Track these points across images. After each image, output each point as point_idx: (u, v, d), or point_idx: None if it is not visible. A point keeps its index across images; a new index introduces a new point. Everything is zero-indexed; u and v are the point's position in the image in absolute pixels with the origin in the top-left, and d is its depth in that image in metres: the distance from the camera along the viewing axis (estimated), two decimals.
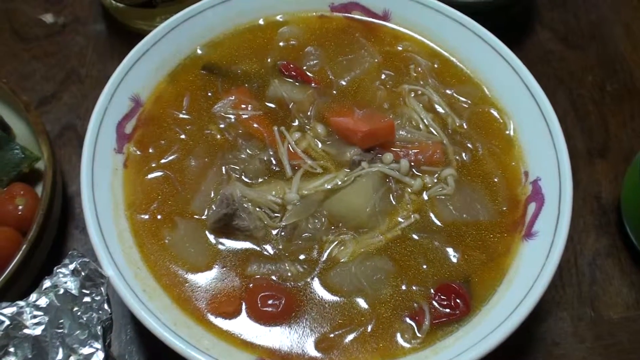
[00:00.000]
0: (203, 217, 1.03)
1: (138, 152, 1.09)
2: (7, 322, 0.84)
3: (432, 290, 0.98)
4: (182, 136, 1.11)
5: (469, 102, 1.17)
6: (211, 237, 1.02)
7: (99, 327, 0.86)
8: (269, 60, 1.21)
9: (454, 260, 1.01)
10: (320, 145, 1.10)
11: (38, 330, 0.85)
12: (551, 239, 0.97)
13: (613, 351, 1.13)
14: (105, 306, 0.87)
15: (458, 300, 0.97)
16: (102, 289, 0.89)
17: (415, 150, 1.10)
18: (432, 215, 1.05)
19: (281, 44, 1.23)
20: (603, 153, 1.35)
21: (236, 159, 1.08)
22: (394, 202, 1.05)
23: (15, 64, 1.43)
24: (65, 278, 0.88)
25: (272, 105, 1.15)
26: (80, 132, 1.33)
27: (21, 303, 0.86)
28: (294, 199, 1.03)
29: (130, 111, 1.11)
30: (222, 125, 1.12)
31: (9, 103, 1.24)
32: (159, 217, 1.03)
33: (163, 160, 1.08)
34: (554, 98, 1.37)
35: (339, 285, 0.98)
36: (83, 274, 0.89)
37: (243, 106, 1.14)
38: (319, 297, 0.97)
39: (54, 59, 1.44)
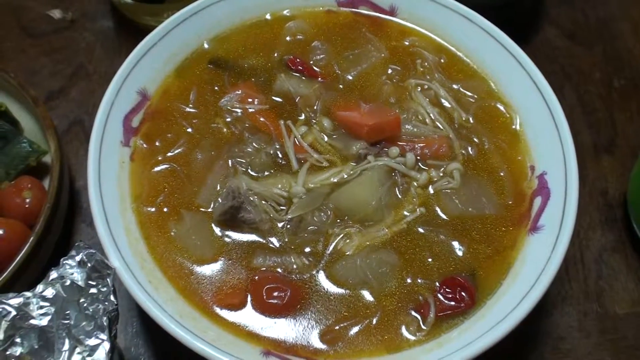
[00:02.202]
0: (209, 210, 1.03)
1: (145, 146, 1.09)
2: (14, 313, 0.85)
3: (437, 283, 0.98)
4: (189, 130, 1.11)
5: (475, 96, 1.17)
6: (217, 230, 1.02)
7: (105, 318, 0.86)
8: (275, 54, 1.21)
9: (460, 253, 1.01)
10: (326, 139, 1.10)
11: (44, 321, 0.85)
12: (557, 233, 0.97)
13: (619, 346, 1.13)
14: (111, 297, 0.87)
15: (463, 293, 0.97)
16: (108, 280, 0.89)
17: (422, 144, 1.10)
18: (437, 208, 1.05)
19: (288, 38, 1.23)
20: (610, 149, 1.35)
21: (242, 153, 1.08)
22: (399, 196, 1.05)
23: (23, 59, 1.44)
24: (71, 269, 0.88)
25: (279, 99, 1.15)
26: (87, 127, 1.33)
27: (28, 294, 0.86)
28: (300, 192, 1.03)
29: (137, 105, 1.11)
30: (228, 119, 1.12)
31: (17, 97, 1.25)
32: (165, 209, 1.03)
33: (170, 154, 1.09)
34: (561, 94, 1.37)
35: (344, 277, 0.98)
36: (89, 265, 0.89)
37: (250, 100, 1.14)
38: (324, 289, 0.97)
39: (62, 54, 1.45)
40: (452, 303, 0.97)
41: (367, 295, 0.97)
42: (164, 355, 1.10)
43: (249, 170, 1.07)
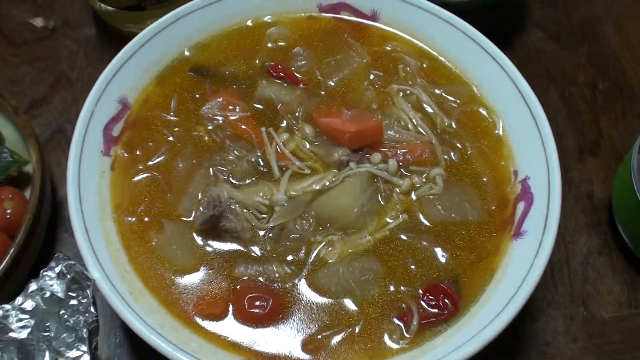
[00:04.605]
0: (190, 219, 1.03)
1: (125, 155, 1.08)
2: None
3: (420, 291, 0.98)
4: (170, 138, 1.11)
5: (458, 101, 1.17)
6: (198, 239, 1.01)
7: (85, 330, 0.85)
8: (257, 61, 1.20)
9: (443, 260, 1.01)
10: (308, 146, 1.10)
11: (24, 334, 0.85)
12: (540, 238, 0.97)
13: (605, 350, 1.12)
14: (92, 309, 0.87)
15: (446, 300, 0.96)
16: (88, 291, 0.88)
17: (404, 150, 1.09)
18: (420, 215, 1.05)
19: (269, 45, 1.23)
20: (594, 151, 1.35)
21: (224, 161, 1.07)
22: (382, 203, 1.05)
23: (4, 68, 1.43)
24: (51, 281, 0.88)
25: (260, 107, 1.15)
26: (70, 136, 1.29)
27: (7, 306, 0.86)
28: (282, 200, 1.03)
29: (118, 113, 1.11)
30: (210, 127, 1.12)
31: None
32: (146, 219, 1.03)
33: (150, 163, 1.08)
34: (545, 97, 1.37)
35: (326, 286, 0.97)
36: (69, 276, 0.88)
37: (231, 107, 1.14)
38: (306, 298, 0.97)
39: (44, 63, 1.44)
40: (436, 310, 0.96)
41: (350, 304, 0.97)
42: None
43: (231, 179, 1.06)
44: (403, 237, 1.02)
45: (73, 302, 0.87)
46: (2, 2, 1.54)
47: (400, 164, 1.08)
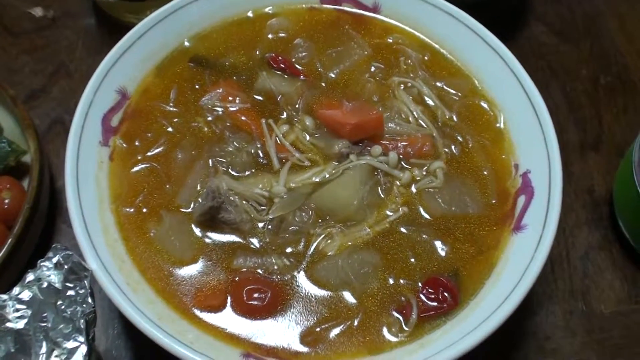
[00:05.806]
0: (189, 210, 1.02)
1: (124, 145, 1.08)
2: None
3: (419, 284, 0.97)
4: (169, 129, 1.10)
5: (459, 94, 1.16)
6: (197, 231, 1.01)
7: (82, 321, 0.85)
8: (257, 52, 1.20)
9: (442, 253, 1.00)
10: (308, 138, 1.09)
11: (21, 324, 0.84)
12: (540, 232, 0.96)
13: (604, 346, 1.12)
14: (89, 299, 0.87)
15: (446, 294, 0.96)
16: (85, 282, 0.88)
17: (405, 143, 1.08)
18: (420, 208, 1.04)
19: (270, 36, 1.22)
20: (596, 146, 1.34)
21: (223, 152, 1.07)
22: (382, 195, 1.04)
23: (3, 58, 1.42)
24: (48, 271, 0.88)
25: (260, 98, 1.14)
26: (69, 126, 1.28)
27: (3, 296, 0.85)
28: (281, 192, 1.02)
29: (117, 104, 1.10)
30: (209, 118, 1.11)
31: None
32: (144, 210, 1.02)
33: (149, 153, 1.07)
34: (547, 91, 1.36)
35: (325, 278, 0.97)
36: (66, 267, 0.88)
37: (231, 99, 1.13)
38: (305, 290, 0.96)
39: (43, 53, 1.43)
40: (435, 304, 0.96)
41: (349, 296, 0.96)
42: (145, 357, 1.08)
43: (230, 170, 1.05)
44: (403, 230, 1.02)
45: (70, 292, 0.87)
46: None
47: (401, 156, 1.07)
